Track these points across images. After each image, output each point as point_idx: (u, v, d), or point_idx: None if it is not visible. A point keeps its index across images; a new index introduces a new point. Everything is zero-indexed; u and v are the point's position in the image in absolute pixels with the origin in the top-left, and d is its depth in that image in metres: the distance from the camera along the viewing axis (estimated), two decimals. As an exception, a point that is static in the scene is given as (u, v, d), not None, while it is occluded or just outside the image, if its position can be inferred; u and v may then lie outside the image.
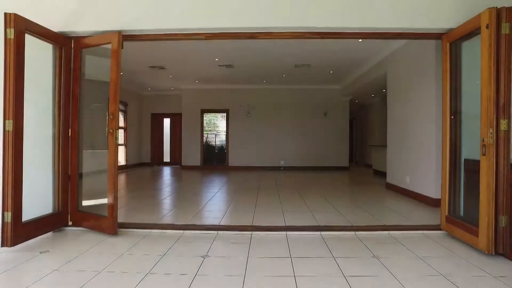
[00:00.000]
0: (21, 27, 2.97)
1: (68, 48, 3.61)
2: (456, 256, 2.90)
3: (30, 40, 3.11)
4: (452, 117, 3.50)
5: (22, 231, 3.02)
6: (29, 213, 3.14)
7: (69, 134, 3.65)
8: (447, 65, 3.50)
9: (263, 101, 11.32)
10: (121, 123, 11.29)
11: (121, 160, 11.25)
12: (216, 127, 11.83)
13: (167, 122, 12.97)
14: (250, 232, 3.61)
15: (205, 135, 11.69)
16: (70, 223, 3.66)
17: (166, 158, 12.96)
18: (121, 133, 11.26)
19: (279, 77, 9.79)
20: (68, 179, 3.65)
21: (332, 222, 4.00)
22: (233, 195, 6.10)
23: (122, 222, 3.82)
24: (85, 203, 3.85)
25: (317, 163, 11.18)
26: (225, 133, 11.58)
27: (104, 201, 3.49)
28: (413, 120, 5.58)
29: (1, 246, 2.91)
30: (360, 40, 6.03)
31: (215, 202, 5.43)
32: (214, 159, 11.73)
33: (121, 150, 11.28)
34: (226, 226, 3.80)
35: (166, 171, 10.79)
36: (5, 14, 2.91)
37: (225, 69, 8.65)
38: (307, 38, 3.72)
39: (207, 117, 11.76)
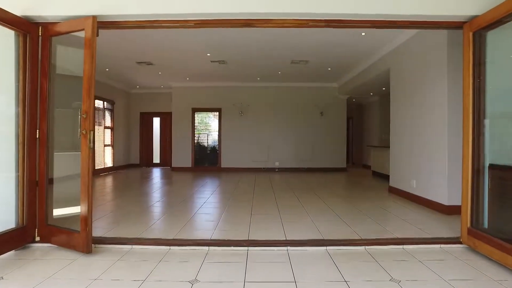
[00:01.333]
0: (-30, 6, 2.46)
1: (35, 36, 3.10)
2: (489, 279, 2.48)
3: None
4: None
5: (-28, 253, 2.52)
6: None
7: (37, 136, 3.15)
8: (470, 58, 3.09)
9: (257, 100, 10.85)
10: (108, 122, 10.72)
11: (108, 161, 10.69)
12: (208, 127, 11.31)
13: (156, 121, 12.42)
14: (246, 248, 3.16)
15: (196, 135, 11.18)
16: (37, 238, 3.16)
17: (156, 159, 12.41)
18: (107, 133, 10.69)
19: (274, 74, 9.34)
20: (35, 187, 3.15)
21: (337, 234, 3.57)
22: (226, 201, 5.64)
23: (99, 237, 3.33)
24: (59, 211, 3.38)
25: (313, 164, 10.76)
26: (217, 133, 11.09)
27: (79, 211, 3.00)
28: (421, 120, 5.18)
29: None
30: (363, 33, 5.62)
31: (206, 209, 4.96)
32: (206, 161, 11.22)
33: (108, 151, 10.72)
34: (218, 240, 3.33)
35: (156, 173, 10.27)
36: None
37: (218, 65, 8.17)
38: (311, 26, 3.28)
39: (198, 116, 11.24)
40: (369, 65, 7.50)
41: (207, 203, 5.40)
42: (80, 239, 2.94)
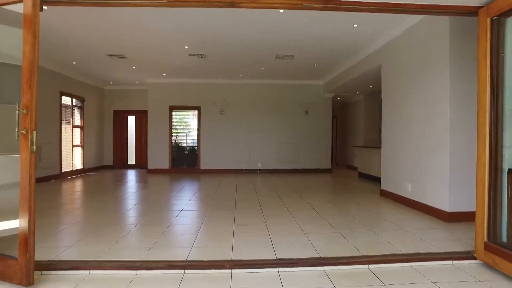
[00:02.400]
0: None
1: (-40, 9, 2.46)
2: (522, 308, 2.08)
3: None
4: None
5: None
6: None
7: (-35, 136, 2.51)
8: (487, 48, 2.69)
9: (238, 98, 10.31)
10: (78, 121, 9.89)
11: (77, 163, 9.86)
12: (187, 126, 10.67)
13: (131, 120, 11.63)
14: (229, 271, 2.64)
15: (174, 135, 10.51)
16: (-35, 266, 2.51)
17: (131, 160, 11.63)
18: (77, 132, 9.85)
19: (257, 71, 8.83)
20: (-37, 201, 2.51)
21: (334, 249, 3.11)
22: (206, 209, 5.07)
23: (48, 261, 2.72)
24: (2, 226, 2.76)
25: (297, 166, 10.33)
26: (196, 133, 10.46)
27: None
28: (417, 119, 4.82)
29: None
30: (355, 25, 5.21)
31: (183, 219, 4.39)
32: (185, 162, 10.57)
33: (78, 152, 9.89)
34: (196, 262, 2.79)
35: (130, 176, 9.54)
36: None
37: (197, 59, 7.57)
38: (305, 8, 2.79)
39: (176, 114, 10.56)
40: (358, 61, 7.12)
41: (184, 212, 4.83)
42: (18, 267, 2.32)
